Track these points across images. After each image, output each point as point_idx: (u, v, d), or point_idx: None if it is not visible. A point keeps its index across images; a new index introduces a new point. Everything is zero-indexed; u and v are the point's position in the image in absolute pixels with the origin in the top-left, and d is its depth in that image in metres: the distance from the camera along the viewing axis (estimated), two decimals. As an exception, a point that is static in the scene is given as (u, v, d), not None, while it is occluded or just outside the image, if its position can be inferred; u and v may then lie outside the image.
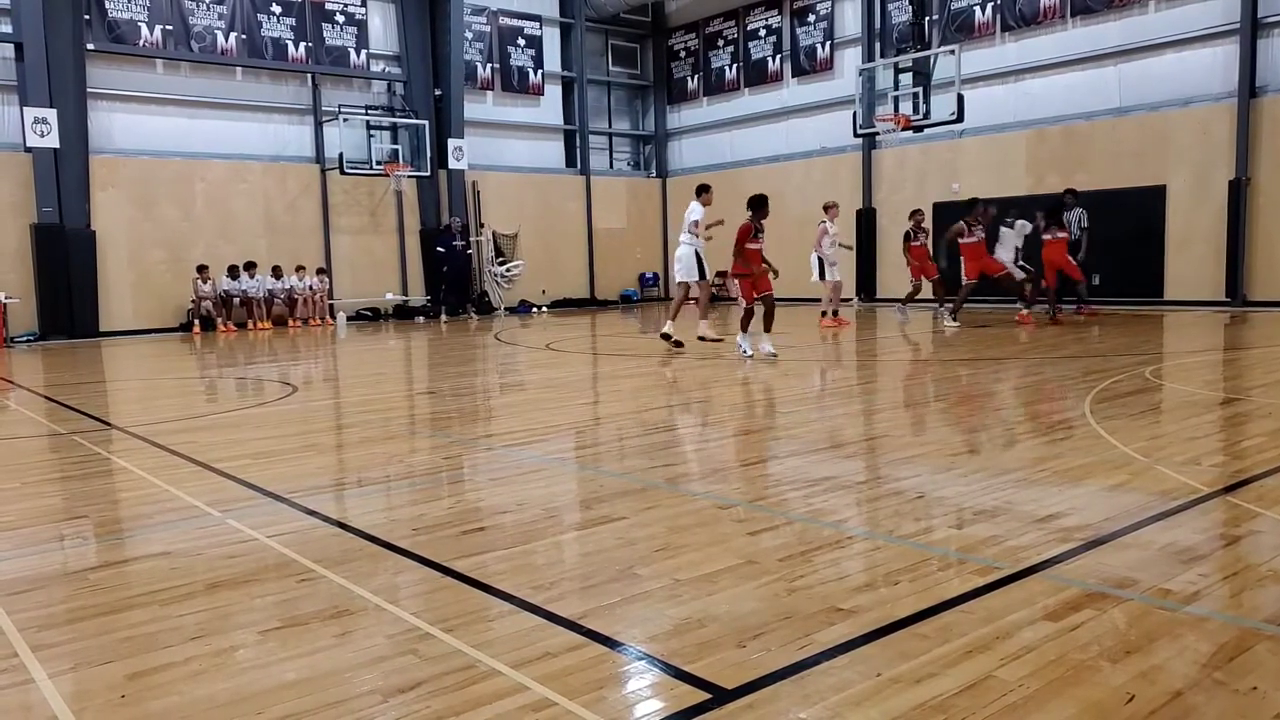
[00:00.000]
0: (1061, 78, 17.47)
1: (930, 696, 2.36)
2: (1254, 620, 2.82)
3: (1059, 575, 3.23)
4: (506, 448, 6.03)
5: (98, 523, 4.45)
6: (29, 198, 16.42)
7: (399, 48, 20.98)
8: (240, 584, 3.40)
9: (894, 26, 19.81)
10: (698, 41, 24.34)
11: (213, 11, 18.37)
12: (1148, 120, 16.36)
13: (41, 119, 16.00)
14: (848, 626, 2.82)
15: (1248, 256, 15.33)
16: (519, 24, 22.62)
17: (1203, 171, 15.65)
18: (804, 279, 15.31)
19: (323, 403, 8.70)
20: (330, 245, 20.05)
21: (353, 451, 6.31)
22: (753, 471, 5.03)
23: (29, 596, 3.34)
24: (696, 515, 4.16)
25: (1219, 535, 3.74)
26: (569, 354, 12.31)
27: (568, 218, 23.59)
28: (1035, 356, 9.92)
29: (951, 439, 6.02)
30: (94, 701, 2.51)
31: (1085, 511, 4.00)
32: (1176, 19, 15.96)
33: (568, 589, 3.26)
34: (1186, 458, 4.97)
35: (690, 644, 2.73)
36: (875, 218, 20.57)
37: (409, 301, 21.01)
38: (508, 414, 7.79)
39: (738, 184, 23.39)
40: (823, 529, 3.89)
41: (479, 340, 15.05)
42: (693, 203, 11.67)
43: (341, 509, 4.67)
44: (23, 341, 16.19)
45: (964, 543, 3.65)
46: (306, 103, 19.89)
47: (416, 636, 2.85)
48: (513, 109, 22.99)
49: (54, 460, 6.13)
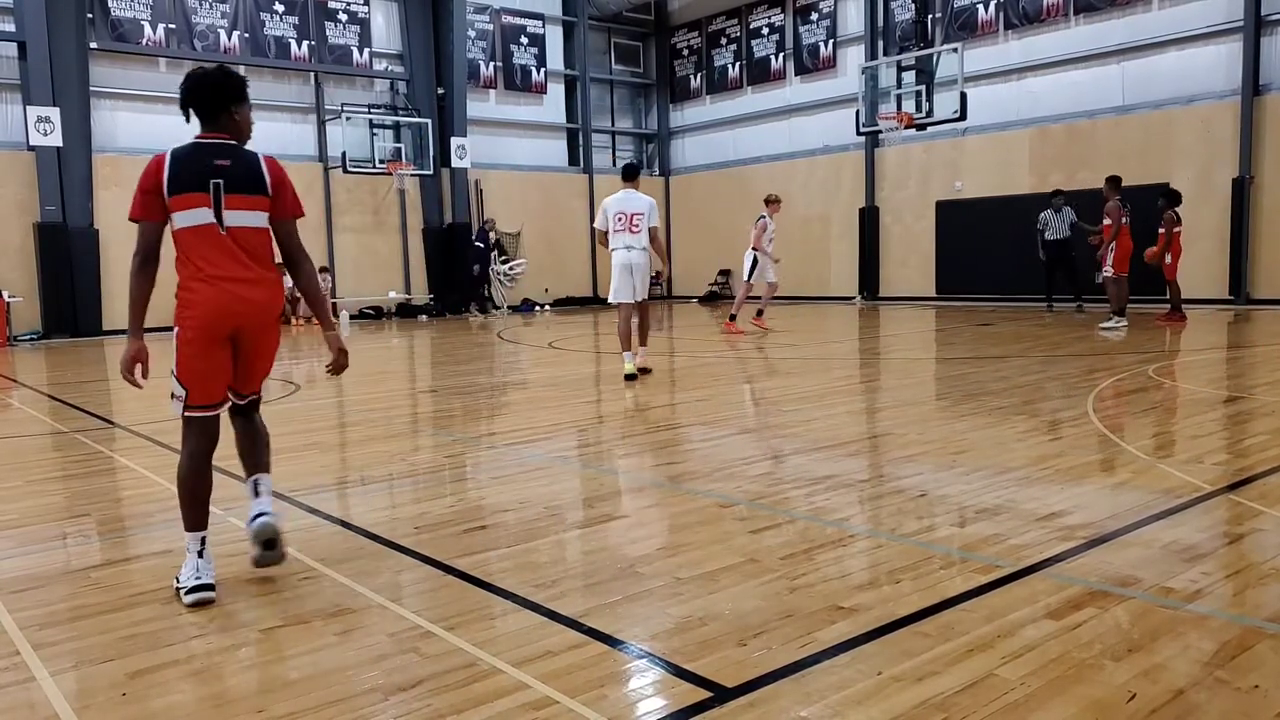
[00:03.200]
0: (1065, 76, 17.45)
1: (931, 695, 2.36)
2: (1256, 619, 2.81)
3: (1061, 574, 3.22)
4: (509, 446, 6.03)
5: (100, 521, 4.46)
6: (32, 196, 16.45)
7: (402, 46, 20.99)
8: (242, 582, 3.40)
9: (897, 24, 19.80)
10: (700, 40, 24.32)
11: (215, 10, 18.38)
12: (1151, 118, 16.34)
13: (45, 118, 16.03)
14: (849, 625, 2.82)
15: (1251, 254, 15.31)
16: (522, 22, 22.62)
17: (1206, 170, 15.62)
18: (803, 279, 15.27)
19: (325, 401, 8.70)
20: (333, 244, 20.06)
21: (355, 450, 6.32)
22: (755, 469, 5.02)
23: (31, 594, 3.35)
24: (698, 513, 4.16)
25: (1222, 533, 3.74)
26: (571, 352, 12.31)
27: (570, 216, 23.59)
28: (1038, 355, 9.90)
29: (954, 437, 6.01)
30: (95, 699, 2.51)
31: (1087, 510, 3.99)
32: (1180, 17, 15.93)
33: (569, 587, 3.26)
34: (1189, 456, 4.96)
35: (691, 642, 2.73)
36: (878, 216, 20.56)
37: (412, 300, 21.02)
38: (510, 412, 7.79)
39: (741, 183, 23.45)
40: (825, 527, 3.89)
41: (482, 339, 15.05)
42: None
43: (344, 507, 4.67)
44: (26, 340, 16.21)
45: (966, 541, 3.64)
46: (309, 101, 19.90)
47: (418, 635, 2.85)
48: (515, 107, 22.99)
49: (57, 458, 6.14)
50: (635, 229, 8.56)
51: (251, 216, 3.34)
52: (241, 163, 3.33)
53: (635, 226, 8.56)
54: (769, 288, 14.24)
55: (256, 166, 3.37)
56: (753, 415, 7.21)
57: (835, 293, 21.33)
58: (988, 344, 11.24)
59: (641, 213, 8.58)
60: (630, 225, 8.57)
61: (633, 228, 8.56)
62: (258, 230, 3.37)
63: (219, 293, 3.26)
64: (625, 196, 8.67)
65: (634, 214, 8.56)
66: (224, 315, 3.29)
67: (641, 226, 8.59)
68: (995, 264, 18.09)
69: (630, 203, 8.63)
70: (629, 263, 8.60)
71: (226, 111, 3.35)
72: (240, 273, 3.29)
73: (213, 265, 3.26)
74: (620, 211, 8.62)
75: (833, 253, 21.55)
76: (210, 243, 3.26)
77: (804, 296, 21.83)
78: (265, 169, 3.39)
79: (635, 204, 8.62)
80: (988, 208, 18.30)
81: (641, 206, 8.61)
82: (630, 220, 8.57)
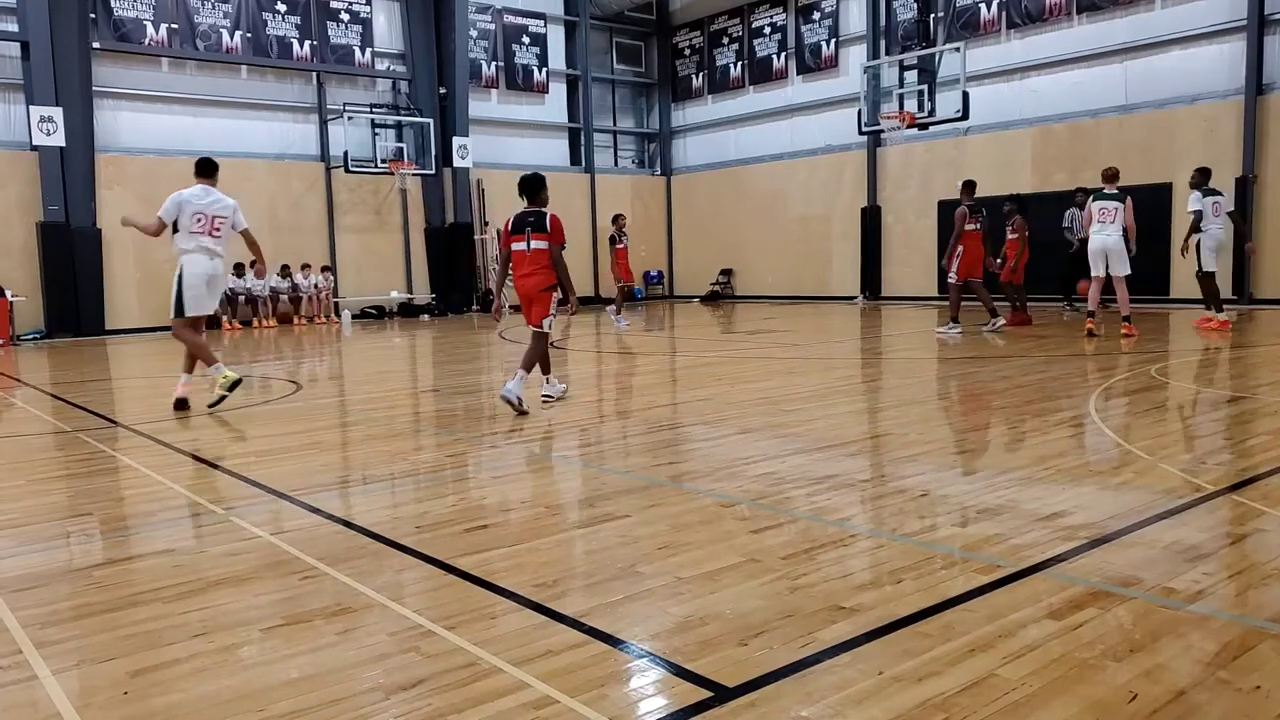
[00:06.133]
0: (1067, 75, 17.43)
1: (932, 695, 2.36)
2: (1258, 619, 2.81)
3: (1062, 574, 3.22)
4: (510, 445, 6.03)
5: (102, 520, 4.46)
6: (35, 196, 16.47)
7: (404, 46, 20.99)
8: (243, 581, 3.40)
9: (899, 24, 19.79)
10: (702, 39, 24.31)
11: (218, 10, 18.40)
12: (1154, 118, 16.32)
13: (47, 118, 16.05)
14: (850, 625, 2.82)
15: (1255, 254, 15.26)
16: (524, 22, 22.62)
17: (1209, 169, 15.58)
18: (804, 279, 15.26)
19: (327, 400, 8.71)
20: (335, 243, 20.08)
21: (357, 449, 6.32)
22: (756, 469, 5.02)
23: (33, 593, 3.35)
24: (700, 513, 4.16)
25: (1224, 534, 3.73)
26: (573, 352, 12.31)
27: (572, 216, 23.45)
28: (1040, 355, 9.89)
29: (955, 437, 6.01)
30: (97, 698, 2.51)
31: (1089, 510, 3.99)
32: (1183, 16, 15.91)
33: (570, 587, 3.26)
34: (1191, 456, 4.95)
35: (692, 642, 2.73)
36: (880, 215, 20.55)
37: (414, 300, 21.03)
38: (511, 411, 7.79)
39: (743, 182, 23.46)
40: (826, 527, 3.88)
41: (484, 338, 15.05)
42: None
43: (345, 507, 4.67)
44: (29, 339, 16.24)
45: (967, 541, 3.64)
46: (311, 101, 19.91)
47: (419, 634, 2.85)
48: (517, 107, 22.99)
49: (59, 458, 6.15)
50: (218, 233, 7.47)
51: None
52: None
53: (218, 231, 7.47)
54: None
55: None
56: (754, 414, 7.20)
57: (837, 292, 21.31)
58: (989, 344, 11.23)
59: (225, 216, 7.50)
60: (211, 228, 7.44)
61: (214, 231, 7.45)
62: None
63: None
64: (204, 192, 7.48)
65: (215, 216, 7.46)
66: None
67: (224, 232, 7.52)
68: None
69: (214, 204, 7.48)
70: (211, 270, 7.52)
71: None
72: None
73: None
74: (200, 212, 7.42)
75: (834, 252, 21.54)
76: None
77: (805, 296, 21.83)
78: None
79: (219, 206, 7.49)
80: (990, 208, 18.23)
81: (226, 211, 7.53)
82: (212, 223, 7.44)
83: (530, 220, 7.12)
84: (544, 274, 7.14)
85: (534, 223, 7.11)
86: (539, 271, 7.14)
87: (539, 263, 7.11)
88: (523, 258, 7.17)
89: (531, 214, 7.16)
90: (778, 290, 22.45)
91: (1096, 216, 11.14)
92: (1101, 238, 11.07)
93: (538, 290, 7.19)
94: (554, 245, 7.10)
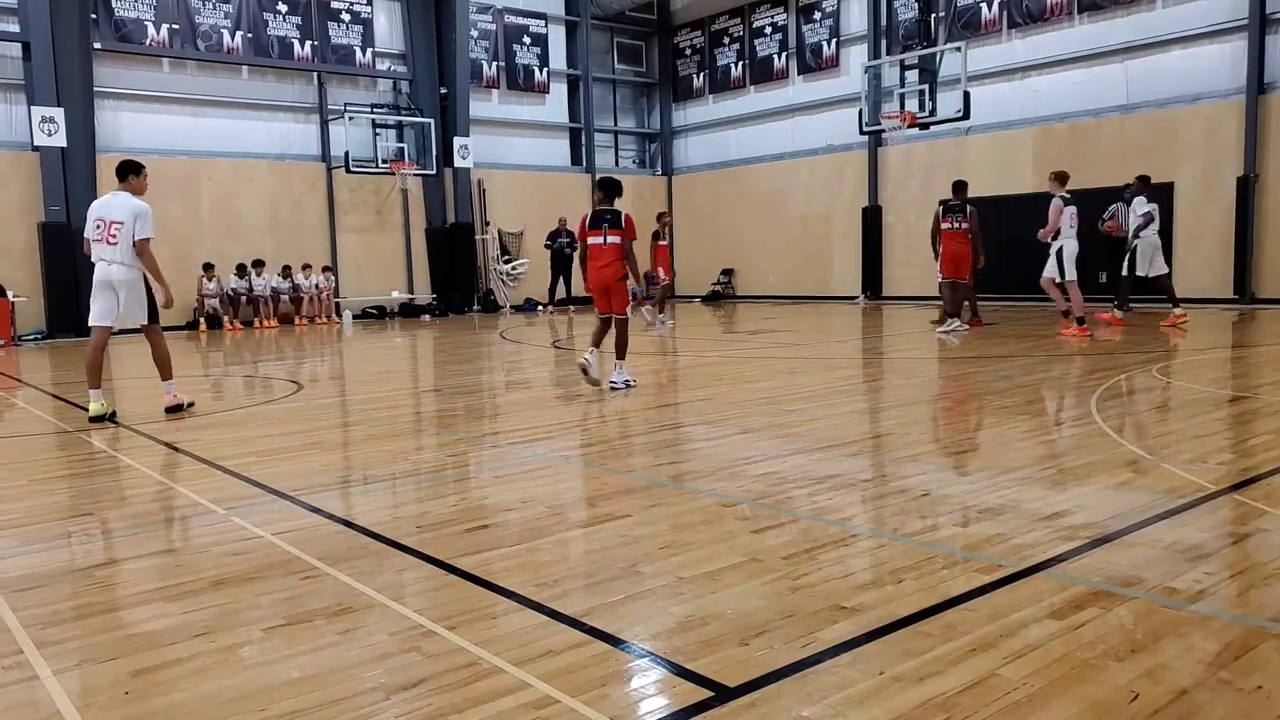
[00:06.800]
0: (1068, 74, 17.42)
1: (933, 695, 2.35)
2: (1260, 619, 2.81)
3: (1064, 573, 3.21)
4: (511, 445, 6.03)
5: (103, 520, 4.46)
6: (36, 196, 16.48)
7: (405, 46, 20.99)
8: (244, 581, 3.40)
9: (900, 23, 19.78)
10: (703, 39, 24.31)
11: (219, 10, 18.40)
12: (1155, 117, 16.30)
13: (48, 118, 16.05)
14: (851, 625, 2.82)
15: (1256, 254, 15.27)
16: (524, 22, 22.62)
17: (1211, 168, 15.59)
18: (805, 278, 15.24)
19: (328, 400, 8.71)
20: (336, 244, 20.08)
21: (358, 449, 6.32)
22: (757, 469, 5.02)
23: (34, 593, 3.35)
24: (701, 513, 4.16)
25: (1225, 533, 3.73)
26: (574, 352, 12.30)
27: (573, 216, 23.51)
28: (1042, 354, 9.89)
29: (957, 436, 6.00)
30: (98, 698, 2.51)
31: (1091, 509, 3.98)
32: (1184, 15, 15.90)
33: (571, 587, 3.26)
34: (1193, 455, 4.95)
35: (693, 642, 2.73)
36: (881, 215, 20.54)
37: (415, 300, 21.03)
38: (513, 411, 7.80)
39: (744, 182, 23.46)
40: (827, 527, 3.88)
41: (485, 338, 15.06)
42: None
43: (346, 506, 4.67)
44: (30, 339, 16.25)
45: (969, 540, 3.63)
46: (312, 101, 19.91)
47: (420, 634, 2.85)
48: (518, 107, 22.99)
49: (60, 457, 6.15)
50: (114, 240, 7.08)
51: None
52: None
53: (114, 237, 7.08)
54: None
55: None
56: (755, 414, 7.20)
57: (838, 292, 21.30)
58: (991, 343, 11.23)
59: (121, 221, 7.06)
60: (108, 235, 7.08)
61: (110, 238, 7.09)
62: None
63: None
64: (111, 198, 7.19)
65: (113, 222, 7.07)
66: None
67: (121, 238, 7.05)
68: (999, 263, 18.01)
69: (112, 209, 7.11)
70: (107, 279, 7.18)
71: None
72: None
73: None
74: (100, 218, 7.13)
75: (835, 252, 21.53)
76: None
77: (806, 296, 21.82)
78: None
79: (117, 211, 7.08)
80: (991, 207, 18.24)
81: (123, 215, 7.06)
82: (109, 229, 7.08)
83: (607, 218, 7.97)
84: (618, 265, 7.99)
85: (610, 220, 7.95)
86: (614, 263, 7.97)
87: (614, 255, 7.94)
88: (600, 250, 7.98)
89: (608, 212, 8.01)
90: (779, 290, 22.43)
91: (1068, 222, 11.32)
92: (1076, 243, 11.35)
93: (613, 280, 8.03)
94: (626, 240, 7.95)
